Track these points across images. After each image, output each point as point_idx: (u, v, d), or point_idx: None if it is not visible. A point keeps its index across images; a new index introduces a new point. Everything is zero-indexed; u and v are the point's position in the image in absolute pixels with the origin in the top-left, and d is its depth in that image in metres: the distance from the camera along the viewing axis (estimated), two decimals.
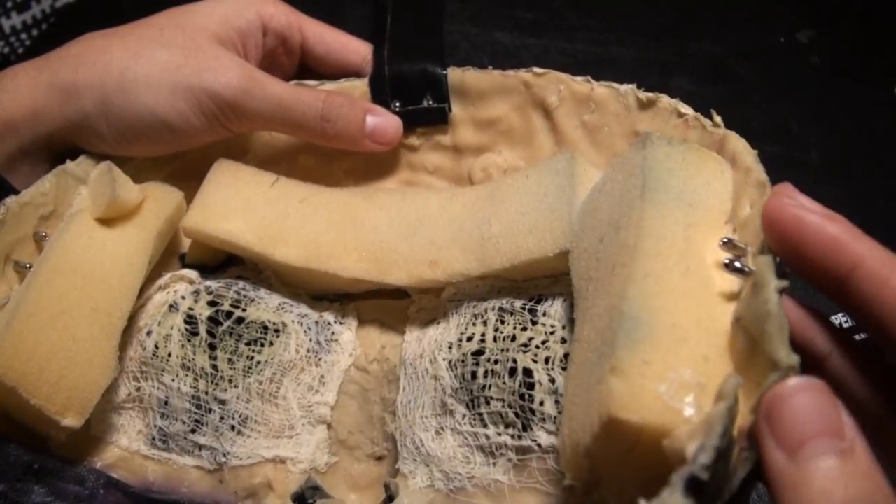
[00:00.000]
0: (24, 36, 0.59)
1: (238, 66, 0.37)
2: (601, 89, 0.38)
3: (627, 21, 0.59)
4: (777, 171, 0.52)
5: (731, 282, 0.25)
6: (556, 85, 0.39)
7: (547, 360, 0.32)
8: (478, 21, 0.59)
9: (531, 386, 0.32)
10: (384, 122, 0.40)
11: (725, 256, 0.26)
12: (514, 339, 0.33)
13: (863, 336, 0.26)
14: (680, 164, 0.28)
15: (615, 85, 0.38)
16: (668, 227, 0.26)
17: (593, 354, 0.26)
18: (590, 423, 0.24)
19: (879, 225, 0.49)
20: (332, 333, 0.39)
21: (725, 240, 0.26)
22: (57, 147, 0.38)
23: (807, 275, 0.23)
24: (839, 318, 0.43)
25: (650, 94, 0.36)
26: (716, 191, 0.28)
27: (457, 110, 0.41)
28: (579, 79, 0.39)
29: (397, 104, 0.41)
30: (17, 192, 0.36)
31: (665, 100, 0.36)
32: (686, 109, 0.35)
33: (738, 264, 0.25)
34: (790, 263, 0.24)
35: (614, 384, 0.23)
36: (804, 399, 0.20)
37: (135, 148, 0.38)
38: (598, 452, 0.24)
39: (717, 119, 0.33)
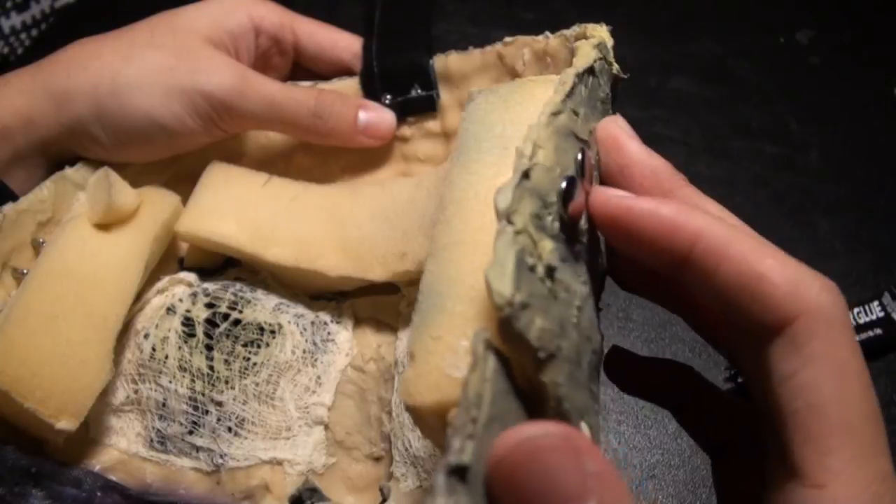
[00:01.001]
0: (23, 36, 0.59)
1: (230, 67, 0.37)
2: (554, 40, 0.36)
3: (627, 21, 0.59)
4: (777, 170, 0.52)
5: None
6: (522, 49, 0.38)
7: None
8: (477, 21, 0.59)
9: None
10: (377, 116, 0.40)
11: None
12: None
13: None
14: (499, 109, 0.26)
15: (565, 32, 0.35)
16: (472, 183, 0.24)
17: None
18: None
19: (879, 225, 0.50)
20: (329, 333, 0.39)
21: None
22: (52, 153, 0.38)
23: (648, 261, 0.22)
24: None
25: (577, 29, 0.34)
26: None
27: (444, 96, 0.41)
28: (539, 37, 0.37)
29: (388, 97, 0.41)
30: (15, 198, 0.36)
31: (588, 32, 0.33)
32: (591, 34, 0.32)
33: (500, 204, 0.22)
34: (629, 253, 0.22)
35: (406, 372, 0.21)
36: (537, 462, 0.17)
37: (131, 152, 0.38)
38: (437, 442, 0.22)
39: (595, 29, 0.30)
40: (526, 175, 0.20)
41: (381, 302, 0.40)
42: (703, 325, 0.26)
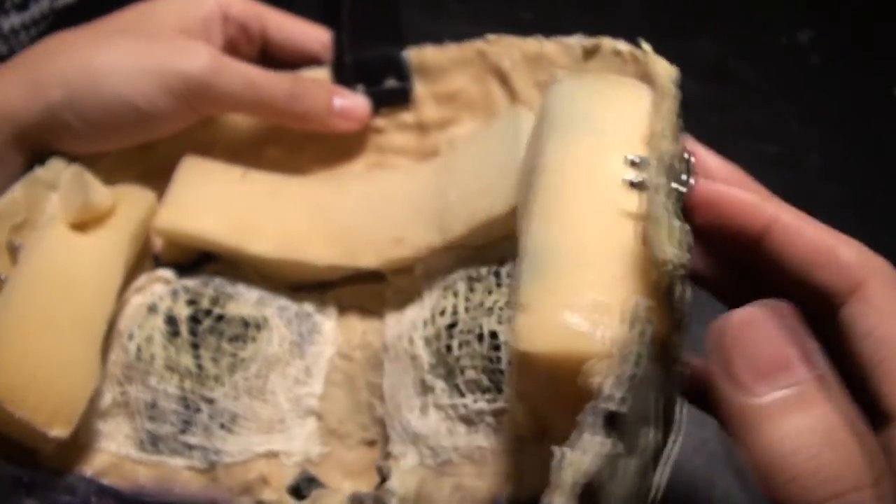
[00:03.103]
0: (23, 36, 0.59)
1: (205, 49, 0.38)
2: (550, 45, 0.38)
3: (627, 21, 0.59)
4: (777, 170, 0.52)
5: (637, 200, 0.25)
6: (509, 49, 0.39)
7: (511, 320, 0.32)
8: (478, 21, 0.59)
9: (497, 347, 0.32)
10: (351, 100, 0.41)
11: (631, 175, 0.25)
12: (482, 304, 0.33)
13: None
14: (587, 95, 0.28)
15: (563, 39, 0.37)
16: (570, 154, 0.26)
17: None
18: (512, 365, 0.24)
19: (880, 225, 0.50)
20: (314, 324, 0.39)
21: (631, 158, 0.25)
22: (27, 147, 0.37)
23: (725, 238, 0.25)
24: None
25: (593, 40, 0.36)
26: (629, 116, 0.27)
27: (418, 88, 0.41)
28: (530, 40, 0.38)
29: (361, 88, 0.42)
30: None
31: (606, 43, 0.35)
32: (623, 47, 0.34)
33: (637, 179, 0.25)
34: (711, 231, 0.26)
35: (519, 319, 0.23)
36: (754, 331, 0.20)
37: (105, 139, 0.38)
38: (526, 393, 0.24)
39: (646, 47, 0.32)
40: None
41: (365, 290, 0.40)
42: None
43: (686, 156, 0.26)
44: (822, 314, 0.24)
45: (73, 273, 0.34)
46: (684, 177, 0.25)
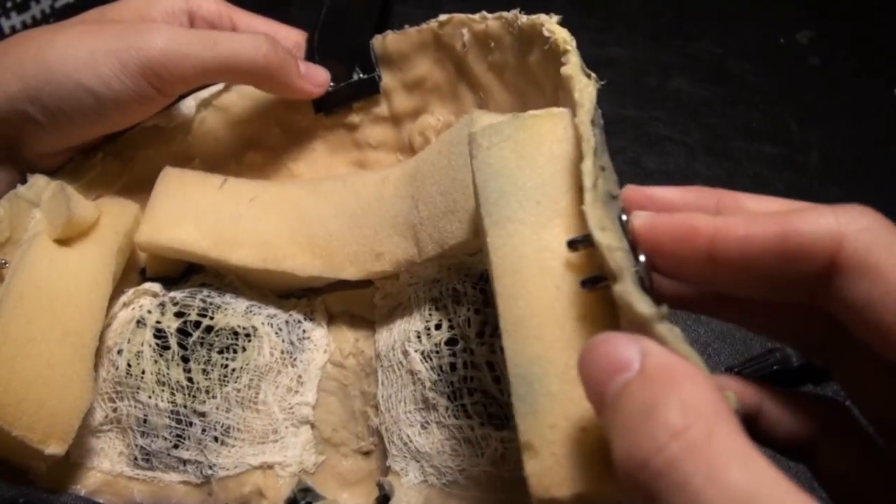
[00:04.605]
0: None
1: (163, 25, 0.37)
2: (493, 22, 0.36)
3: (627, 21, 0.59)
4: (777, 171, 0.52)
5: (599, 296, 0.23)
6: (460, 29, 0.37)
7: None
8: None
9: (498, 380, 0.31)
10: (313, 67, 0.41)
11: (583, 275, 0.23)
12: (468, 322, 0.33)
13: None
14: (514, 157, 0.26)
15: (504, 14, 0.35)
16: (517, 246, 0.24)
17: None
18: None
19: None
20: (304, 331, 0.39)
21: (570, 240, 0.24)
22: (3, 152, 0.37)
23: (683, 266, 0.23)
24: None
25: (527, 20, 0.33)
26: (559, 160, 0.25)
27: (387, 78, 0.41)
28: (476, 16, 0.37)
29: (331, 85, 0.41)
30: None
31: (537, 23, 0.33)
32: (549, 31, 0.31)
33: (575, 238, 0.23)
34: (666, 263, 0.23)
35: (529, 465, 0.22)
36: (592, 354, 0.19)
37: (70, 130, 0.37)
38: None
39: (569, 43, 0.30)
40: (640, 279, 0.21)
41: (353, 296, 0.40)
42: (761, 323, 0.26)
43: (623, 217, 0.23)
44: (825, 316, 0.21)
45: (60, 288, 0.34)
46: (624, 217, 0.22)
